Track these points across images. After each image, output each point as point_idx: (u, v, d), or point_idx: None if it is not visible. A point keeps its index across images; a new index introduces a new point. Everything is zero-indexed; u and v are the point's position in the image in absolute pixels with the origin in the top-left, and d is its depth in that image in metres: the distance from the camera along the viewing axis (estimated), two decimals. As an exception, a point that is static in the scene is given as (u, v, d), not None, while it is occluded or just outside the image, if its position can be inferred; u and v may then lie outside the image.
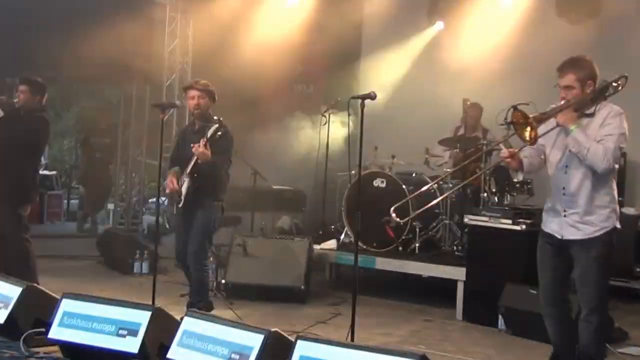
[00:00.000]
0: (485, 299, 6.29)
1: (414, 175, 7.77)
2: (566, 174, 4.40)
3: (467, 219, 6.62)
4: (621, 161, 5.48)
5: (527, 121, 4.20)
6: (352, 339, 4.80)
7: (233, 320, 4.37)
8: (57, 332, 4.27)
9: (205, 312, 4.91)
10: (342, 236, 7.80)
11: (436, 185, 7.11)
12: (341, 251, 7.59)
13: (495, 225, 6.34)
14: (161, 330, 4.05)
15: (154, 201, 11.60)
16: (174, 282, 7.28)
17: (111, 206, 12.13)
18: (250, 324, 3.90)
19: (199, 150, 5.66)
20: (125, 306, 4.20)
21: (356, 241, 5.38)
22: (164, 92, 10.86)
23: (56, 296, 4.51)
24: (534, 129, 4.19)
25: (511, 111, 4.28)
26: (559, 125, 4.34)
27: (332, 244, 7.70)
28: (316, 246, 7.55)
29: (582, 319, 4.41)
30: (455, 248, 7.33)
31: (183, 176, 5.91)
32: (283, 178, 9.65)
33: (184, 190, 5.88)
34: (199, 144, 5.66)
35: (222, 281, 6.99)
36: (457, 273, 6.65)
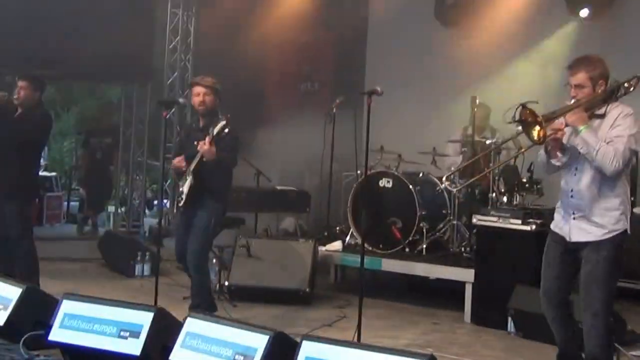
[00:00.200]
0: (494, 301, 6.18)
1: (420, 175, 7.66)
2: (575, 176, 4.32)
3: (476, 219, 6.51)
4: (633, 160, 5.38)
5: (536, 120, 4.12)
6: (358, 341, 4.72)
7: (237, 320, 4.28)
8: (57, 334, 4.23)
9: (208, 313, 4.82)
10: (348, 237, 7.69)
11: (443, 185, 7.04)
12: (347, 253, 7.48)
13: (505, 226, 6.23)
14: (164, 332, 4.02)
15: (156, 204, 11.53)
16: (176, 285, 7.18)
17: (112, 208, 12.05)
18: (254, 324, 3.84)
19: (204, 147, 5.52)
20: (127, 307, 4.17)
21: (362, 242, 5.28)
22: (166, 90, 10.78)
23: (57, 297, 4.48)
24: (542, 128, 4.10)
25: (520, 109, 4.18)
26: (568, 125, 4.24)
27: (337, 245, 7.59)
28: (321, 248, 7.45)
29: (586, 323, 4.29)
30: (463, 249, 7.21)
31: (186, 174, 5.78)
32: (287, 178, 9.58)
33: (185, 188, 5.75)
34: (204, 141, 5.54)
35: (226, 283, 6.89)
36: (465, 275, 6.54)
